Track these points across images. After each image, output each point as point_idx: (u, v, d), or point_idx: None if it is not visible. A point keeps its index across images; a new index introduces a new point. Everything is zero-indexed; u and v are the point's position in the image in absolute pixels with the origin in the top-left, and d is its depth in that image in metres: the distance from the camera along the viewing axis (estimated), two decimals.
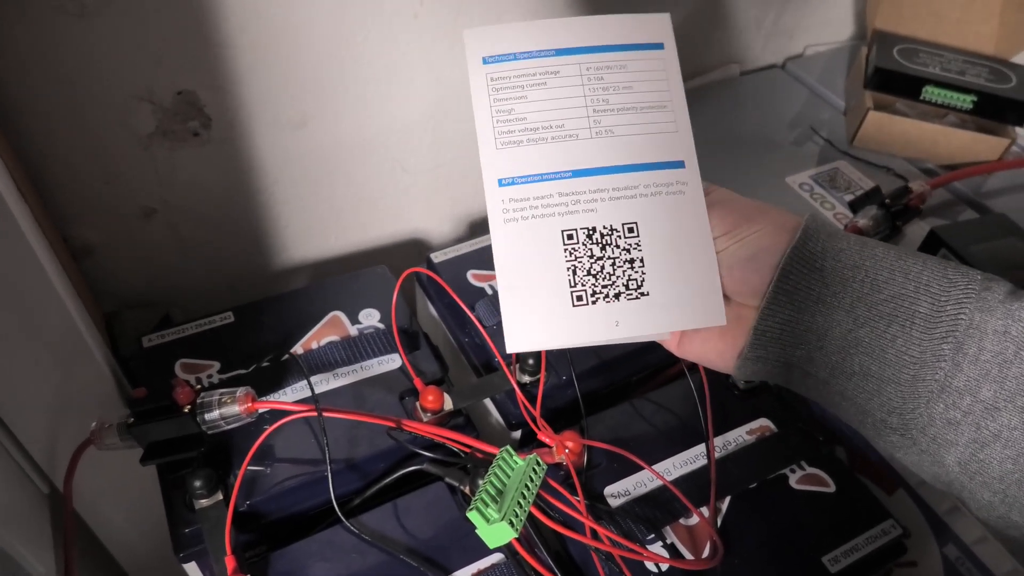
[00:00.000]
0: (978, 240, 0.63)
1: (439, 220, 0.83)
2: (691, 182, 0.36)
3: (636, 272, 0.35)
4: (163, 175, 0.63)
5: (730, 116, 0.83)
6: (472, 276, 0.66)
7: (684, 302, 0.35)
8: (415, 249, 0.83)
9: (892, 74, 0.74)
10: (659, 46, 0.38)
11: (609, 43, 0.38)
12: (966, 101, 0.73)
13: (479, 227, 0.85)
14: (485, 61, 0.37)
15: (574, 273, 0.35)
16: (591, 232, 0.35)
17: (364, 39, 0.62)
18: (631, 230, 0.36)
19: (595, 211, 0.35)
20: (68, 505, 0.53)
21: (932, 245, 0.65)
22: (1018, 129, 0.75)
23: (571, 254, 0.35)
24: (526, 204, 0.36)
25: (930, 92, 0.73)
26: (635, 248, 0.35)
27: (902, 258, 0.33)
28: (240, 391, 0.49)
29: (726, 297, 0.36)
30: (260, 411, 0.50)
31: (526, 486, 0.37)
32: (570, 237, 0.35)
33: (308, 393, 0.54)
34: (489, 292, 0.64)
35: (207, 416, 0.48)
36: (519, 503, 0.36)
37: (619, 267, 0.35)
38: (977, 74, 0.75)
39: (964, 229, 0.65)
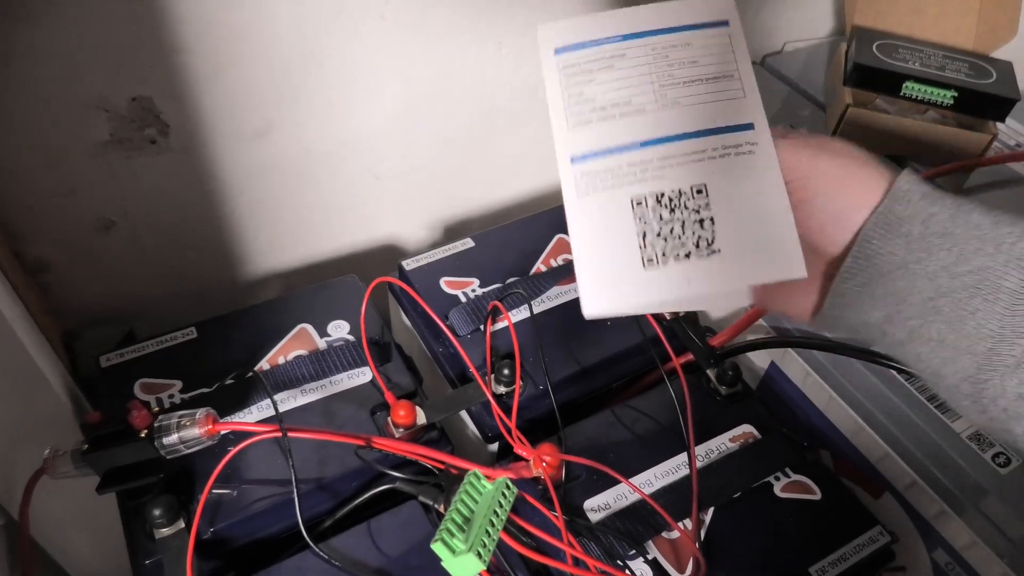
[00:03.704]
0: None
1: (414, 226, 0.81)
2: (761, 141, 0.37)
3: (706, 231, 0.36)
4: (121, 186, 0.60)
5: None
6: (445, 283, 0.64)
7: (759, 256, 0.36)
8: (390, 255, 0.81)
9: (871, 70, 0.73)
10: (724, 23, 0.39)
11: (674, 25, 0.39)
12: (946, 97, 0.72)
13: (455, 231, 0.83)
14: (557, 52, 0.39)
15: (643, 237, 0.37)
16: (660, 197, 0.37)
17: (328, 42, 0.60)
18: (700, 191, 0.37)
19: (664, 177, 0.37)
20: (25, 535, 0.51)
21: None
22: (999, 124, 0.74)
23: (640, 220, 0.37)
24: (597, 178, 0.37)
25: (910, 88, 0.72)
26: (704, 208, 0.36)
27: (998, 226, 0.32)
28: (200, 413, 0.47)
29: (809, 249, 0.36)
30: (222, 433, 0.48)
31: (495, 512, 0.35)
32: (639, 203, 0.37)
33: (275, 411, 0.52)
34: (463, 300, 0.63)
35: (165, 440, 0.46)
36: (487, 531, 0.34)
37: (689, 227, 0.37)
38: (957, 69, 0.74)
39: None
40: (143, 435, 0.46)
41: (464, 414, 0.59)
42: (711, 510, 0.52)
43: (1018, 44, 0.80)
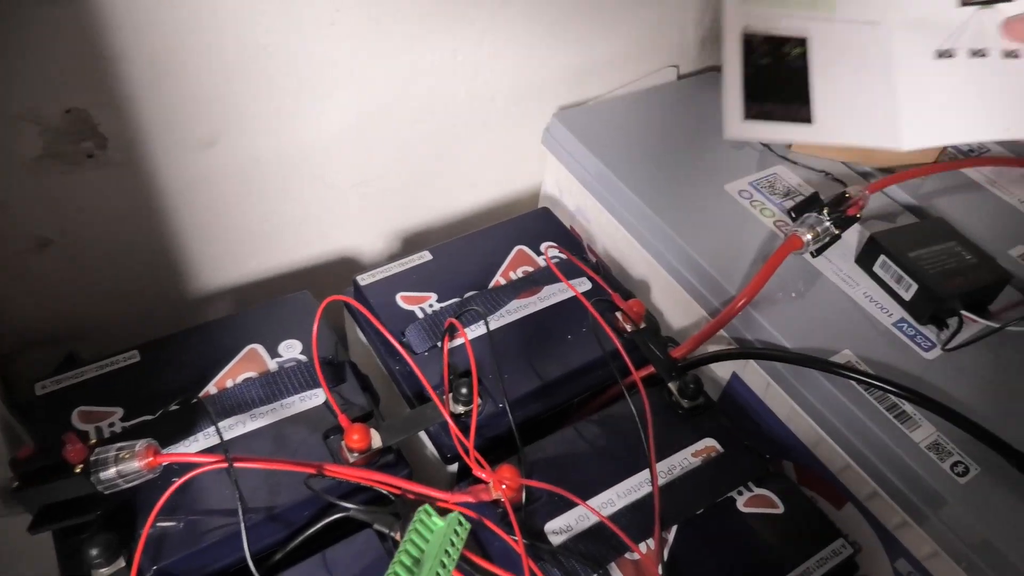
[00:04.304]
0: (918, 246, 0.62)
1: (371, 237, 0.79)
2: None
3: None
4: (57, 202, 0.57)
5: (668, 121, 0.81)
6: (402, 298, 0.62)
7: None
8: (346, 268, 0.79)
9: None
10: None
11: None
12: None
13: (413, 242, 0.81)
14: None
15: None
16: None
17: (275, 50, 0.58)
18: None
19: None
20: None
21: (872, 252, 0.64)
22: None
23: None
24: None
25: None
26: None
27: None
28: (140, 444, 0.45)
29: None
30: (165, 464, 0.46)
31: (446, 551, 0.34)
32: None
33: (220, 439, 0.50)
34: (420, 315, 0.61)
35: (103, 475, 0.44)
36: (438, 573, 0.33)
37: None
38: None
39: (903, 235, 0.64)
40: (78, 470, 0.44)
41: (423, 434, 0.57)
42: (674, 528, 0.51)
43: None
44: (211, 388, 0.54)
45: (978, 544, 0.49)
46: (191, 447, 0.51)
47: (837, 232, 0.63)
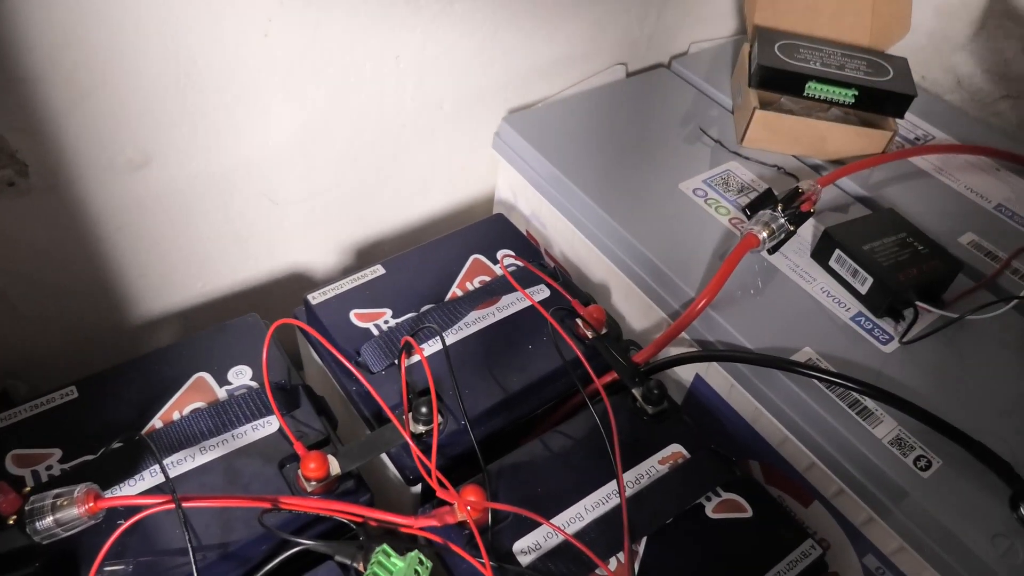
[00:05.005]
0: (871, 238, 0.63)
1: (321, 252, 0.76)
2: None
3: None
4: None
5: (619, 120, 0.80)
6: (355, 316, 0.60)
7: None
8: (298, 285, 0.76)
9: (775, 71, 0.73)
10: None
11: None
12: (847, 95, 0.73)
13: (367, 255, 0.79)
14: None
15: None
16: None
17: (205, 64, 0.55)
18: None
19: None
20: None
21: (826, 246, 0.64)
22: (899, 121, 0.76)
23: None
24: None
25: (813, 88, 0.73)
26: None
27: None
28: (79, 489, 0.42)
29: None
30: (107, 509, 0.43)
31: None
32: None
33: (166, 478, 0.47)
34: (375, 333, 0.59)
35: (39, 525, 0.41)
36: None
37: None
38: (856, 67, 0.75)
39: (856, 228, 0.64)
40: (12, 521, 0.41)
41: (384, 455, 0.55)
42: (644, 540, 0.50)
43: (911, 40, 0.82)
44: (156, 422, 0.51)
45: (942, 537, 0.49)
46: (136, 487, 0.48)
47: (792, 228, 0.63)
